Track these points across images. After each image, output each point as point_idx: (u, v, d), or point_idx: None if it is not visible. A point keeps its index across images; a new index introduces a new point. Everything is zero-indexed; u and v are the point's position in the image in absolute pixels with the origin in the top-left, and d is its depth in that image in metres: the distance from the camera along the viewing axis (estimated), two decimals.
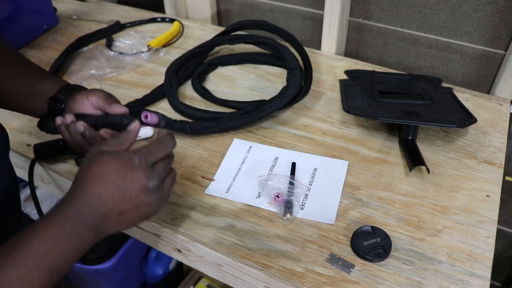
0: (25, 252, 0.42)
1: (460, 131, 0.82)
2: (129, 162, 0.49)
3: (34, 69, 0.71)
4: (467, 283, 0.58)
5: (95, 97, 0.64)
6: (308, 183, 0.72)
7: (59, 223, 0.45)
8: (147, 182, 0.49)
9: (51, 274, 0.44)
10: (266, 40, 0.96)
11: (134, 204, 0.49)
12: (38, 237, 0.44)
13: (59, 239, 0.44)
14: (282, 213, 0.67)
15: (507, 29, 0.89)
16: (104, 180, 0.48)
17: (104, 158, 0.49)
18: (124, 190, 0.48)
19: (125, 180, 0.48)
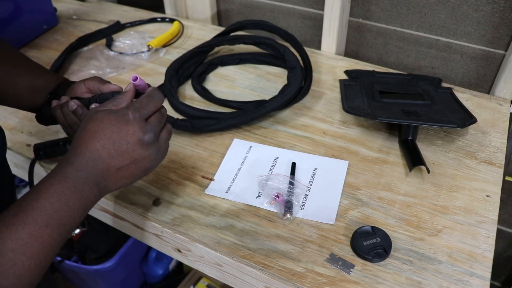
0: (32, 211, 0.44)
1: (460, 131, 0.82)
2: (123, 117, 0.50)
3: (34, 66, 0.72)
4: (467, 283, 0.58)
5: (92, 81, 0.65)
6: (308, 183, 0.72)
7: (61, 181, 0.46)
8: (142, 135, 0.50)
9: (60, 231, 0.45)
10: (266, 41, 0.96)
11: (131, 159, 0.50)
12: (43, 196, 0.45)
13: (63, 196, 0.46)
14: (282, 213, 0.67)
15: (507, 29, 0.89)
16: (100, 136, 0.49)
17: (100, 115, 0.50)
18: (120, 144, 0.49)
19: (120, 134, 0.49)
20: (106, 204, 0.72)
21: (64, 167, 0.48)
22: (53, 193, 0.46)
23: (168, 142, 0.57)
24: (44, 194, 0.45)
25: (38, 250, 0.43)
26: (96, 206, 0.75)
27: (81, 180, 0.47)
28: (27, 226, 0.43)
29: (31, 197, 0.45)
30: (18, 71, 0.69)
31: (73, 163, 0.48)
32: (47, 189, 0.46)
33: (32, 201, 0.45)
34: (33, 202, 0.45)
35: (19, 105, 0.71)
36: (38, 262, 0.43)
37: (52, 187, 0.46)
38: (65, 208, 0.46)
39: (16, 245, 0.42)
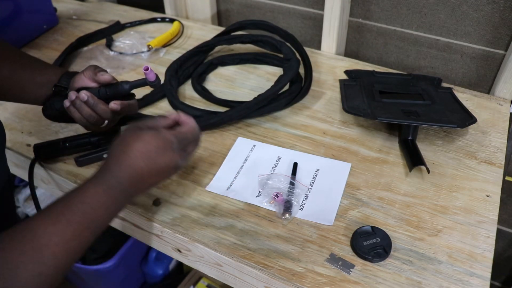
0: (77, 213, 0.49)
1: (460, 131, 0.82)
2: (168, 144, 0.56)
3: (36, 61, 0.74)
4: (467, 283, 0.58)
5: (88, 71, 0.69)
6: (309, 184, 0.72)
7: (106, 191, 0.52)
8: (180, 162, 0.57)
9: (95, 233, 0.51)
10: (263, 38, 0.96)
11: (162, 177, 0.58)
12: (88, 201, 0.50)
13: (105, 205, 0.51)
14: (281, 213, 0.67)
15: (507, 29, 0.89)
16: (145, 156, 0.54)
17: (147, 137, 0.55)
18: (160, 166, 0.55)
19: (164, 158, 0.55)
20: None
21: (108, 179, 0.53)
22: (97, 201, 0.51)
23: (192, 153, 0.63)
24: (89, 199, 0.50)
25: (76, 248, 0.48)
26: None
27: (122, 193, 0.53)
28: (71, 225, 0.48)
29: (78, 199, 0.50)
30: (21, 67, 0.71)
31: (117, 176, 0.53)
32: (92, 196, 0.51)
33: (78, 204, 0.50)
34: (79, 204, 0.50)
35: (25, 99, 0.74)
36: (73, 257, 0.48)
37: (97, 195, 0.51)
38: (104, 215, 0.51)
39: (60, 241, 0.46)
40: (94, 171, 0.69)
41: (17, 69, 0.70)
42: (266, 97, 0.83)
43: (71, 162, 0.78)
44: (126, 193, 0.54)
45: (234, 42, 1.01)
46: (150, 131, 0.56)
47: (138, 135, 0.55)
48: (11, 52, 0.72)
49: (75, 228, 0.48)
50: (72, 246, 0.48)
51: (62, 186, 0.78)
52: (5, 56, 0.70)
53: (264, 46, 0.99)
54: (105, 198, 0.51)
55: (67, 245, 0.47)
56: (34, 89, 0.71)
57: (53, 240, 0.46)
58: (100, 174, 0.54)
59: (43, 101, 0.72)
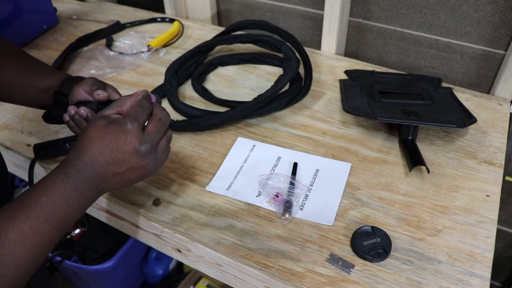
0: (35, 206, 0.46)
1: (460, 131, 0.82)
2: (121, 127, 0.51)
3: (38, 64, 0.73)
4: (467, 283, 0.58)
5: (85, 85, 0.67)
6: (309, 184, 0.72)
7: (63, 180, 0.49)
8: (138, 145, 0.52)
9: (59, 227, 0.48)
10: (263, 38, 0.96)
11: (128, 167, 0.52)
12: (46, 193, 0.48)
13: (65, 195, 0.48)
14: (281, 213, 0.67)
15: (507, 29, 0.89)
16: (98, 143, 0.51)
17: (100, 123, 0.52)
18: (117, 153, 0.51)
19: (117, 143, 0.51)
20: (106, 204, 0.72)
21: (66, 167, 0.50)
22: (55, 191, 0.48)
23: (168, 149, 0.58)
24: (47, 192, 0.48)
25: (37, 243, 0.46)
26: (96, 206, 0.75)
27: (81, 181, 0.50)
28: (29, 220, 0.45)
29: (34, 193, 0.48)
30: (22, 71, 0.70)
31: (74, 164, 0.50)
32: (50, 187, 0.48)
33: (35, 197, 0.47)
34: (36, 198, 0.47)
35: (26, 103, 0.73)
36: (36, 254, 0.46)
37: (55, 185, 0.48)
38: (65, 206, 0.48)
39: (18, 237, 0.44)
40: None
41: (18, 74, 0.69)
42: (266, 97, 0.83)
43: None
44: (89, 183, 0.50)
45: (234, 42, 1.01)
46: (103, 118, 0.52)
47: (94, 121, 0.52)
48: (12, 54, 0.72)
49: (33, 223, 0.45)
50: (32, 242, 0.45)
51: None
52: (6, 59, 0.70)
53: (264, 45, 0.99)
54: (65, 189, 0.48)
55: (26, 241, 0.45)
56: (34, 94, 0.70)
57: (9, 237, 0.44)
58: (59, 166, 0.51)
59: (44, 107, 0.72)
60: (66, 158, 0.52)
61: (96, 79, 0.68)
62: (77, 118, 0.64)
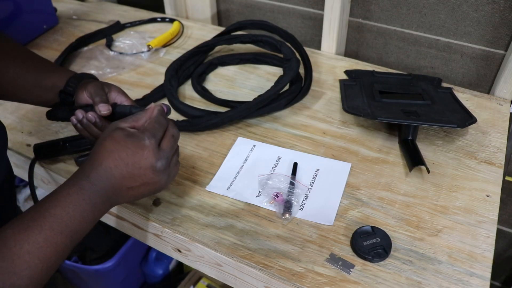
0: (49, 217, 0.47)
1: (460, 131, 0.82)
2: (139, 142, 0.52)
3: (42, 62, 0.73)
4: (467, 283, 0.58)
5: (87, 91, 0.66)
6: (309, 184, 0.72)
7: (77, 192, 0.49)
8: (155, 162, 0.53)
9: (72, 238, 0.48)
10: (263, 38, 0.96)
11: (142, 181, 0.53)
12: (60, 204, 0.48)
13: (78, 207, 0.49)
14: (281, 213, 0.67)
15: (507, 29, 0.89)
16: (115, 156, 0.51)
17: (117, 135, 0.52)
18: (133, 168, 0.52)
19: (134, 158, 0.52)
20: None
21: (80, 178, 0.51)
22: (70, 203, 0.49)
23: (178, 164, 0.59)
24: (61, 203, 0.48)
25: (51, 255, 0.46)
26: None
27: (95, 193, 0.51)
28: (43, 231, 0.46)
29: (49, 204, 0.48)
30: (26, 70, 0.69)
31: (89, 176, 0.51)
32: (64, 199, 0.49)
33: (49, 208, 0.48)
34: (51, 209, 0.48)
35: (31, 102, 0.73)
36: (50, 265, 0.46)
37: (69, 197, 0.49)
38: (79, 218, 0.49)
39: (32, 248, 0.45)
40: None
41: (22, 72, 0.69)
42: (267, 97, 0.83)
43: (71, 162, 0.78)
44: (103, 196, 0.51)
45: (234, 42, 1.01)
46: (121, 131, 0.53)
47: (110, 134, 0.53)
48: (17, 52, 0.71)
49: (47, 234, 0.46)
50: (46, 253, 0.46)
51: None
52: (10, 57, 0.69)
53: (264, 46, 0.99)
54: (79, 201, 0.49)
55: (40, 252, 0.45)
56: (39, 93, 0.70)
57: (24, 248, 0.44)
58: (73, 177, 0.52)
59: (50, 105, 0.72)
60: (81, 168, 0.52)
61: (98, 86, 0.67)
62: (85, 122, 0.64)
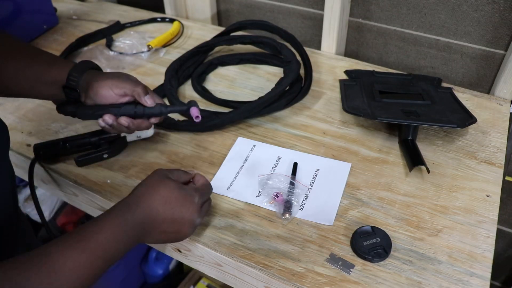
0: (92, 242, 0.50)
1: (460, 131, 0.82)
2: (191, 197, 0.58)
3: (42, 56, 0.72)
4: (467, 283, 0.58)
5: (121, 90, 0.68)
6: (309, 184, 0.72)
7: (121, 224, 0.53)
8: (196, 218, 0.59)
9: (105, 264, 0.51)
10: (263, 40, 0.96)
11: (176, 230, 0.58)
12: (104, 232, 0.52)
13: (118, 237, 0.53)
14: (281, 213, 0.67)
15: (507, 29, 0.89)
16: (165, 201, 0.56)
17: (171, 184, 0.58)
18: (177, 216, 0.57)
19: (181, 209, 0.57)
20: (107, 204, 0.72)
21: (127, 211, 0.55)
22: (112, 233, 0.52)
23: None
24: (104, 231, 0.52)
25: (87, 276, 0.49)
26: (97, 206, 0.75)
27: (134, 229, 0.54)
28: (85, 253, 0.49)
29: (93, 229, 0.52)
30: (27, 65, 0.69)
31: (134, 213, 0.55)
32: (108, 228, 0.52)
33: (94, 233, 0.51)
34: (95, 234, 0.51)
35: (37, 96, 0.73)
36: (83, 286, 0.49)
37: (112, 227, 0.53)
38: (116, 247, 0.52)
39: (73, 267, 0.48)
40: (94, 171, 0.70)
41: (22, 68, 0.68)
42: (267, 99, 0.83)
43: (71, 162, 0.78)
44: (139, 232, 0.55)
45: (234, 42, 1.01)
46: (175, 182, 0.58)
47: (164, 181, 0.58)
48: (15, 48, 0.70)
49: (88, 256, 0.49)
50: (84, 273, 0.49)
51: (62, 186, 0.78)
52: (9, 53, 0.69)
53: (265, 47, 0.99)
54: (121, 232, 0.53)
55: (79, 271, 0.48)
56: (41, 88, 0.70)
57: (67, 265, 0.47)
58: (118, 208, 0.55)
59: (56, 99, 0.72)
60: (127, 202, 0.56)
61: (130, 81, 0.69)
62: (115, 125, 0.68)
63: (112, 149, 0.78)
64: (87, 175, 0.75)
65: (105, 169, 0.76)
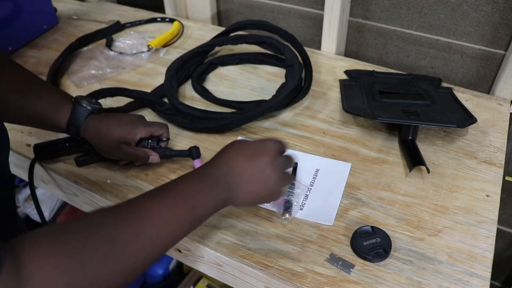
0: (174, 190, 0.51)
1: (460, 131, 0.82)
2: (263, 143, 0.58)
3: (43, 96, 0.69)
4: (467, 283, 0.58)
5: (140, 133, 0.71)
6: (309, 184, 0.72)
7: (201, 177, 0.54)
8: (274, 158, 0.57)
9: (190, 215, 0.51)
10: (267, 40, 0.96)
11: (263, 177, 0.56)
12: (183, 182, 0.53)
13: (199, 188, 0.52)
14: (281, 213, 0.67)
15: (507, 29, 0.89)
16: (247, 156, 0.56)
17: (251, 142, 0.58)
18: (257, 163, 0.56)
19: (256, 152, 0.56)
20: (107, 204, 0.72)
21: (209, 167, 0.55)
22: (192, 182, 0.53)
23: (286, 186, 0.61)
24: (185, 181, 0.53)
25: (174, 227, 0.49)
26: (97, 206, 0.75)
27: (219, 183, 0.54)
28: (166, 201, 0.49)
29: (172, 182, 0.52)
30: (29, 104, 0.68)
31: (215, 165, 0.55)
32: (188, 179, 0.53)
33: (172, 184, 0.52)
34: (175, 185, 0.52)
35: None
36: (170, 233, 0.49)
37: (193, 179, 0.53)
38: (199, 198, 0.52)
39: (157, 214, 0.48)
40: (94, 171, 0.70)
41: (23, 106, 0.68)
42: (268, 108, 0.83)
43: (71, 162, 0.78)
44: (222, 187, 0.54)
45: (239, 42, 1.00)
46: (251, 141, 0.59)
47: (241, 142, 0.58)
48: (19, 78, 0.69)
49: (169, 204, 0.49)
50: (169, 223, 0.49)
51: (62, 186, 0.78)
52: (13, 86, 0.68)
53: (268, 47, 0.98)
54: (199, 183, 0.53)
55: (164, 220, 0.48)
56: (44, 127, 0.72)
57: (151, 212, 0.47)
58: (199, 168, 0.56)
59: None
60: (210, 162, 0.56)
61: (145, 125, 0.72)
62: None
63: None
64: (87, 175, 0.75)
65: (105, 169, 0.76)
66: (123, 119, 0.71)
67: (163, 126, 0.74)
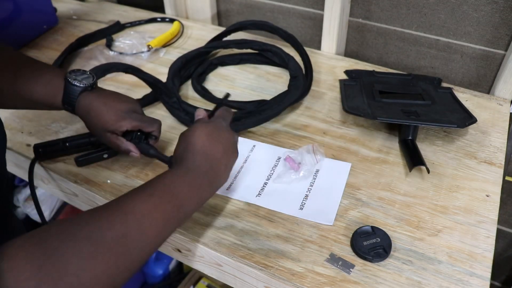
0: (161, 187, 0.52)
1: (460, 131, 0.82)
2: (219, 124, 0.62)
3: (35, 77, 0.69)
4: (467, 283, 0.58)
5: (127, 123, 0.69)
6: (309, 184, 0.72)
7: (186, 173, 0.55)
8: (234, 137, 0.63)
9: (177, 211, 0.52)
10: (272, 48, 0.95)
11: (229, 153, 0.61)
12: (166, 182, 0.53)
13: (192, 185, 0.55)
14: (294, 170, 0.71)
15: (507, 29, 0.89)
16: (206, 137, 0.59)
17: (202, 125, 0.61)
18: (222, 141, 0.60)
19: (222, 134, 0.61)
20: None
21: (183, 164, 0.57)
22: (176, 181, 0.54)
23: None
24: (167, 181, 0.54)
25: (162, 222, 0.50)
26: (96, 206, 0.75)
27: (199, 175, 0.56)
28: (153, 197, 0.50)
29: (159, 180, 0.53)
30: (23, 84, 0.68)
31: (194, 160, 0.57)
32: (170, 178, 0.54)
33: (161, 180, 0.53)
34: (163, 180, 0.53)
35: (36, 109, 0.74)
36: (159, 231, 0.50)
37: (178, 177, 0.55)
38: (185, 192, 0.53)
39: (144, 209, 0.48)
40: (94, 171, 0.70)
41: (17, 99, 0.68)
42: (267, 117, 0.83)
43: (71, 162, 0.78)
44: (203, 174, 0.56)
45: (244, 47, 0.99)
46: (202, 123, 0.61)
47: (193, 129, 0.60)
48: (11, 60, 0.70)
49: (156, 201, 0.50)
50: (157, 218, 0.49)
51: (62, 186, 0.78)
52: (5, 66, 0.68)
53: (273, 56, 0.97)
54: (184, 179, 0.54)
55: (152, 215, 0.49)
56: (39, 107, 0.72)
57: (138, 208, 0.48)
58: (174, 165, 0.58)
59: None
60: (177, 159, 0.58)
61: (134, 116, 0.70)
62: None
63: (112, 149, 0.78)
64: (87, 175, 0.75)
65: (105, 169, 0.76)
66: (114, 106, 0.69)
67: (154, 123, 0.72)
